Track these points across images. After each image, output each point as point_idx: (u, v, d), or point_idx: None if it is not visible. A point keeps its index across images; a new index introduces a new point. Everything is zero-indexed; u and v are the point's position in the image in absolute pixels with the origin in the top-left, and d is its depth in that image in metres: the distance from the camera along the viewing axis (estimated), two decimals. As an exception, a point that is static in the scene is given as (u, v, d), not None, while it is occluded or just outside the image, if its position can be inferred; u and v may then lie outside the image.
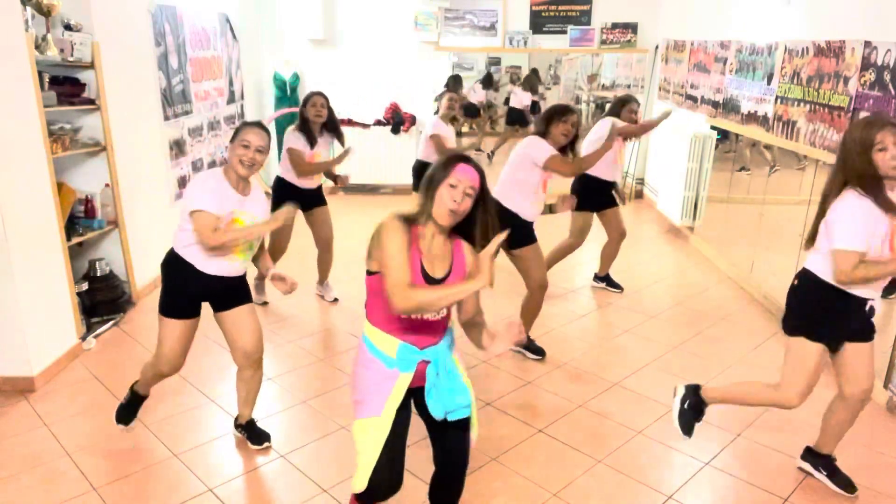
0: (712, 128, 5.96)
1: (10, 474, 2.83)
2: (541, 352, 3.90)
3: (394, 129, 7.78)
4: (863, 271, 2.31)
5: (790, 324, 2.61)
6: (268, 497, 2.72)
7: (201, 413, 3.31)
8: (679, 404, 2.86)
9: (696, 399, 2.83)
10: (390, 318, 2.01)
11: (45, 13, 3.80)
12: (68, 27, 4.01)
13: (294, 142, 4.29)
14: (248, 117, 7.49)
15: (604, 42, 7.58)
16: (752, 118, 5.08)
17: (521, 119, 11.30)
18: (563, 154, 3.69)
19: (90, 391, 3.51)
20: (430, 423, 2.12)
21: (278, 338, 4.18)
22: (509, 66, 11.43)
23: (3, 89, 3.29)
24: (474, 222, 2.03)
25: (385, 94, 7.79)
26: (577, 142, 3.79)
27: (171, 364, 2.86)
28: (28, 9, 3.64)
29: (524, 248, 3.71)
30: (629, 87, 8.40)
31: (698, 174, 6.10)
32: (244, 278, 2.90)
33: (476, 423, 2.17)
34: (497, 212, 2.07)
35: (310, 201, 4.51)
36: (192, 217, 2.58)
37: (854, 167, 2.32)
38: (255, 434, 3.03)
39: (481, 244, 2.01)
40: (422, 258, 1.99)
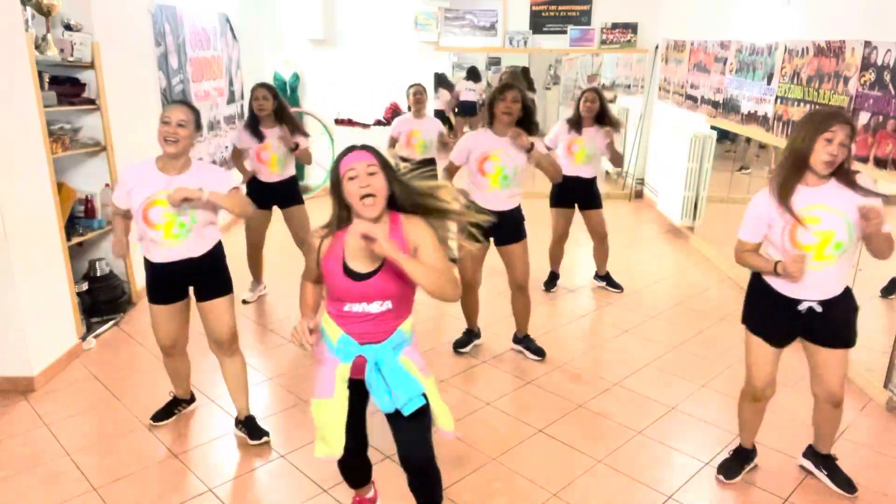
0: (712, 128, 5.96)
1: (10, 474, 2.83)
2: (541, 352, 3.89)
3: (394, 129, 7.78)
4: (746, 259, 2.49)
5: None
6: (268, 497, 2.72)
7: (201, 413, 3.31)
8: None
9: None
10: (336, 306, 2.07)
11: (45, 13, 3.80)
12: (68, 27, 4.01)
13: (236, 138, 4.50)
14: (248, 117, 7.49)
15: (604, 42, 7.58)
16: (752, 118, 5.08)
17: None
18: (522, 131, 3.47)
19: (90, 391, 3.51)
20: (387, 415, 2.11)
21: (277, 337, 4.18)
22: (508, 65, 11.44)
23: (3, 89, 3.29)
24: (397, 195, 2.04)
25: (385, 94, 7.78)
26: (531, 122, 3.53)
27: (168, 342, 2.95)
28: (28, 9, 3.64)
29: (510, 244, 3.69)
30: (629, 87, 8.40)
31: (698, 174, 6.10)
32: (215, 268, 2.89)
33: (444, 414, 2.15)
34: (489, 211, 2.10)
35: (279, 197, 4.50)
36: None
37: (793, 144, 2.33)
38: (254, 429, 3.04)
39: (414, 210, 2.05)
40: (345, 258, 2.02)
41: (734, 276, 5.24)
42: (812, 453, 2.84)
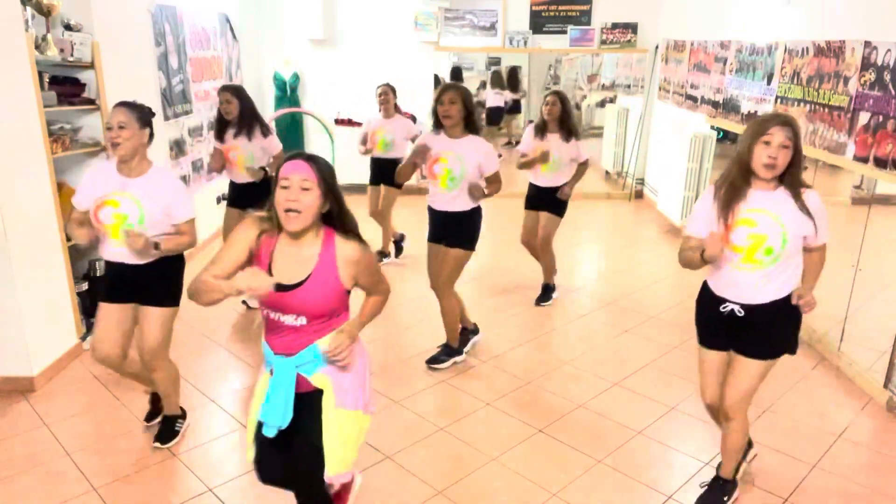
0: (712, 128, 5.96)
1: (10, 474, 2.83)
2: (439, 360, 3.80)
3: (393, 129, 7.78)
4: (685, 255, 2.47)
5: None
6: (268, 497, 2.72)
7: (201, 413, 3.31)
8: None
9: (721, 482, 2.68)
10: (261, 306, 2.04)
11: (45, 13, 3.80)
12: (68, 27, 4.01)
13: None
14: (248, 117, 7.49)
15: (604, 42, 7.58)
16: (752, 118, 5.08)
17: (498, 118, 11.25)
18: (478, 189, 3.51)
19: (90, 391, 3.51)
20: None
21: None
22: (507, 66, 11.44)
23: (3, 89, 3.29)
24: (333, 216, 1.96)
25: (385, 94, 7.78)
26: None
27: (101, 348, 2.85)
28: (28, 9, 3.64)
29: (445, 245, 3.63)
30: (629, 87, 8.41)
31: (698, 174, 6.10)
32: (161, 277, 2.81)
33: (339, 454, 2.04)
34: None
35: (252, 197, 4.38)
36: None
37: (738, 149, 2.33)
38: (161, 430, 3.05)
39: (346, 236, 1.98)
40: (271, 264, 1.95)
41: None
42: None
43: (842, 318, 3.75)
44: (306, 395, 2.05)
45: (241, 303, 4.61)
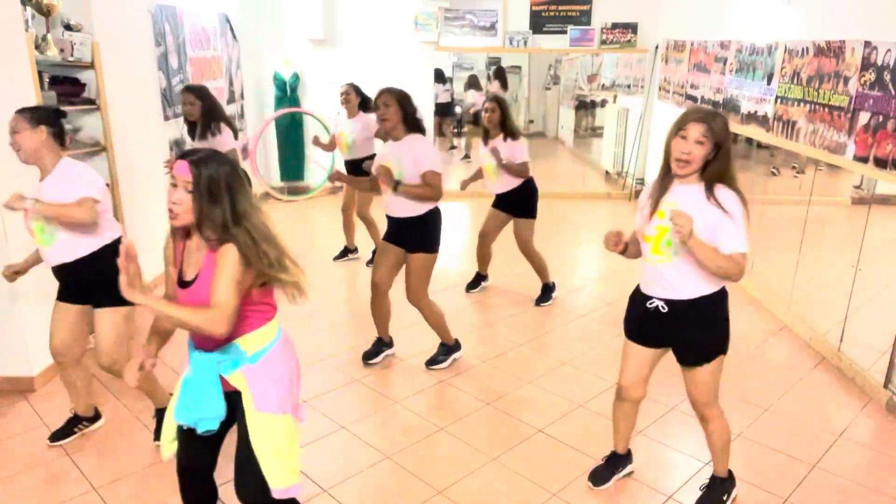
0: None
1: (10, 474, 2.83)
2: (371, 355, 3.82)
3: (394, 129, 7.78)
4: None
5: None
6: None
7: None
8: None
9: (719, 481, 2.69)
10: None
11: (45, 13, 3.80)
12: (68, 27, 4.01)
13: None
14: (248, 117, 7.51)
15: (604, 42, 7.58)
16: (752, 118, 5.08)
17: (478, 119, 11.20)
18: (387, 173, 3.44)
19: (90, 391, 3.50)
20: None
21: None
22: (509, 66, 11.43)
23: (3, 89, 3.29)
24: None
25: (385, 94, 7.78)
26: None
27: (55, 342, 2.87)
28: (28, 9, 3.64)
29: (416, 253, 3.54)
30: (629, 87, 8.40)
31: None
32: (100, 276, 2.75)
33: (274, 463, 2.02)
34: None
35: None
36: None
37: (665, 143, 2.35)
38: (63, 427, 3.07)
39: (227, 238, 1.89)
40: (182, 264, 1.98)
41: (734, 276, 5.24)
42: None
43: (842, 318, 3.75)
44: (229, 396, 2.04)
45: None
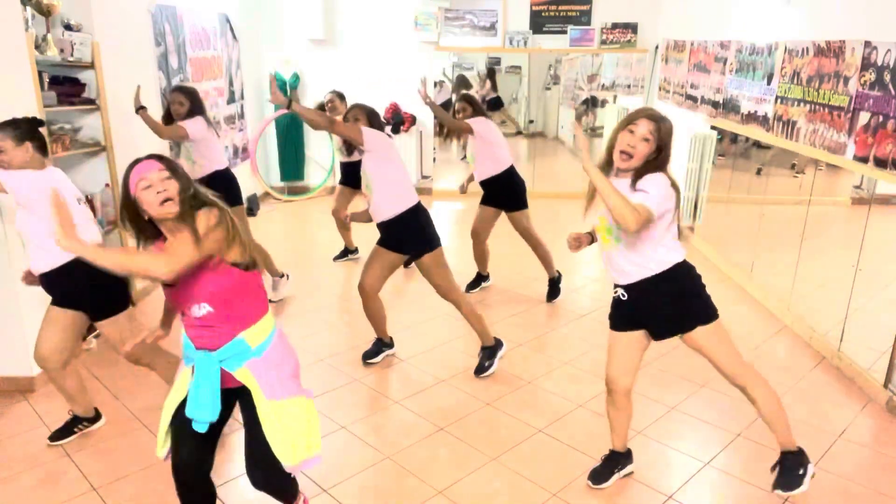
0: (712, 128, 5.96)
1: (10, 474, 2.83)
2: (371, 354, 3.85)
3: (394, 129, 7.78)
4: None
5: None
6: (268, 497, 2.72)
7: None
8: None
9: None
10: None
11: (45, 13, 3.80)
12: (68, 27, 4.01)
13: None
14: (248, 117, 7.50)
15: (604, 42, 7.58)
16: (752, 118, 5.08)
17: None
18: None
19: (90, 391, 3.48)
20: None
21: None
22: (509, 66, 11.43)
23: (3, 89, 3.29)
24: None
25: (385, 94, 7.79)
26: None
27: (41, 343, 2.88)
28: (28, 9, 3.64)
29: (423, 257, 3.57)
30: (629, 87, 8.40)
31: (698, 174, 6.09)
32: (79, 284, 2.76)
33: (287, 444, 2.07)
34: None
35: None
36: None
37: (609, 137, 2.42)
38: (64, 429, 3.08)
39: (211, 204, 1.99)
40: None
41: (734, 275, 5.24)
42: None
43: (842, 318, 3.75)
44: (234, 392, 2.07)
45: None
